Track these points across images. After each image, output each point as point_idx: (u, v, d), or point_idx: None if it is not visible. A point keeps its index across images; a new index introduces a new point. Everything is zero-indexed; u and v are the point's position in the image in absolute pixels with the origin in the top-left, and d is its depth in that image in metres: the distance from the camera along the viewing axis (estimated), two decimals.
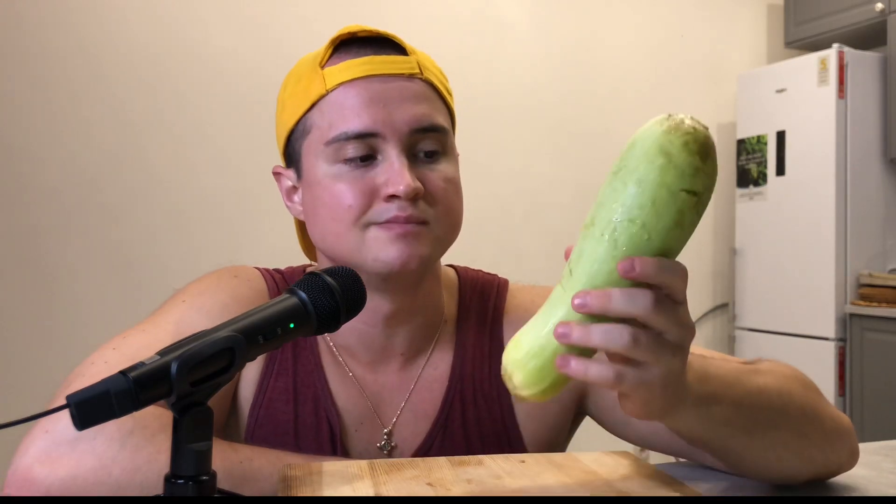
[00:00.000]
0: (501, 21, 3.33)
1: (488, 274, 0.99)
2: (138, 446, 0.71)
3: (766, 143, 3.43)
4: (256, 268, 0.94)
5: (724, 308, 3.70)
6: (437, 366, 0.91)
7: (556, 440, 0.94)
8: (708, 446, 0.74)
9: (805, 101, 3.27)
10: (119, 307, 2.68)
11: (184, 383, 0.55)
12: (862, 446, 0.94)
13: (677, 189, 0.56)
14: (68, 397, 0.51)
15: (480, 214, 3.25)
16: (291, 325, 0.63)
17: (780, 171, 3.37)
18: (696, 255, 3.68)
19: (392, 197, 0.79)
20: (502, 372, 0.62)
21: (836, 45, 3.19)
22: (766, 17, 3.83)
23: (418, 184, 0.79)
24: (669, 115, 0.59)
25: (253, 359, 0.61)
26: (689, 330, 0.60)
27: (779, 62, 3.52)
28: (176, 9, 2.82)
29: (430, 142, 0.83)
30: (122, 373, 0.53)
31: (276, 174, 0.91)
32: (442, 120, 0.84)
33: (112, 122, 2.75)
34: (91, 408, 0.51)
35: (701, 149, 0.57)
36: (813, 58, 3.25)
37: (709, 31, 3.72)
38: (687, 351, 0.61)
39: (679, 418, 0.66)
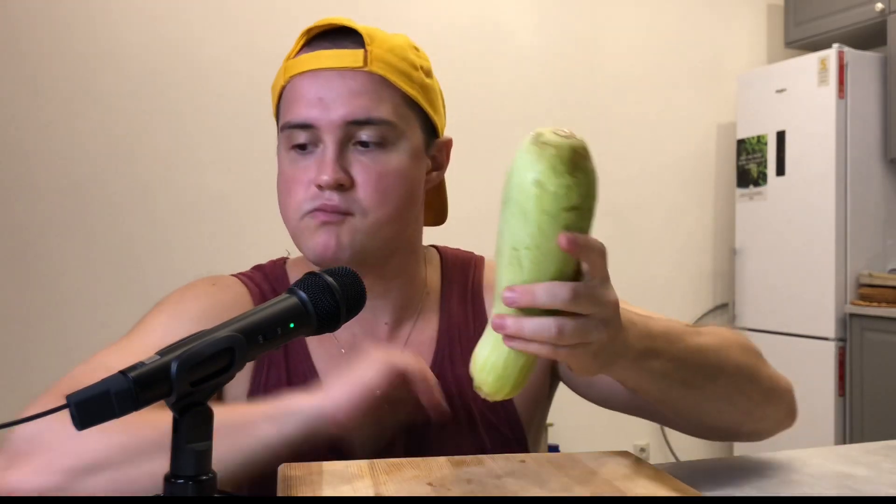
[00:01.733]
0: (502, 23, 3.33)
1: (466, 251, 1.06)
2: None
3: (766, 143, 3.43)
4: (234, 274, 0.98)
5: (723, 308, 3.70)
6: (424, 330, 0.96)
7: (540, 397, 0.99)
8: (648, 395, 0.81)
9: (805, 101, 3.27)
10: (116, 307, 2.68)
11: (184, 383, 0.55)
12: (862, 446, 0.95)
13: (557, 211, 0.62)
14: (68, 397, 0.51)
15: (481, 214, 3.25)
16: (291, 325, 0.63)
17: (780, 171, 3.37)
18: (696, 255, 3.68)
19: (320, 186, 0.85)
20: (474, 385, 0.69)
21: (836, 45, 3.19)
22: (766, 18, 3.83)
23: (341, 175, 0.85)
24: (535, 137, 0.63)
25: (253, 359, 0.61)
26: (611, 306, 0.66)
27: (779, 62, 3.52)
28: (168, 12, 2.82)
29: (367, 133, 0.86)
30: (123, 372, 0.53)
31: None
32: (384, 111, 0.87)
33: (107, 122, 2.75)
34: (91, 408, 0.51)
35: (568, 165, 0.62)
36: (813, 58, 3.25)
37: (709, 31, 3.72)
38: (614, 323, 0.66)
39: (619, 371, 0.74)
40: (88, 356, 0.83)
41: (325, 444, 0.76)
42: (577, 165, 0.62)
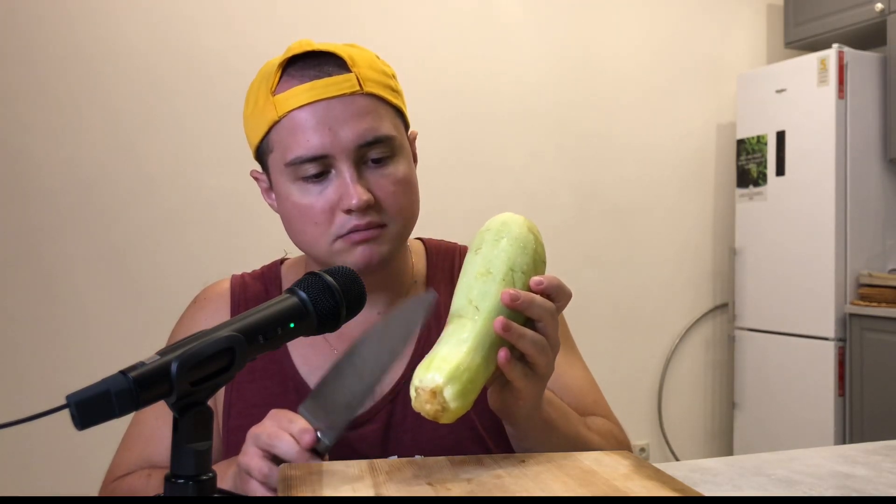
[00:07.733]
0: (502, 21, 3.33)
1: (449, 241, 1.13)
2: None
3: (765, 143, 3.43)
4: (234, 275, 1.05)
5: (723, 308, 3.70)
6: None
7: None
8: (523, 445, 0.87)
9: (805, 101, 3.27)
10: (117, 307, 2.68)
11: (184, 383, 0.55)
12: (862, 446, 0.95)
13: (539, 261, 0.80)
14: (68, 397, 0.51)
15: (481, 214, 3.24)
16: (292, 325, 0.63)
17: (780, 171, 3.36)
18: (696, 255, 3.68)
19: (349, 210, 0.89)
20: (423, 390, 0.69)
21: (835, 46, 3.19)
22: (765, 17, 3.83)
23: (369, 195, 0.89)
24: (524, 221, 0.81)
25: (253, 358, 0.61)
26: (557, 345, 0.77)
27: (779, 62, 3.52)
28: (169, 12, 2.82)
29: (377, 150, 0.90)
30: (123, 372, 0.53)
31: (254, 178, 1.02)
32: (387, 128, 0.92)
33: (108, 123, 2.75)
34: (91, 407, 0.51)
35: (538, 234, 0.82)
36: (813, 58, 3.25)
37: (709, 31, 3.72)
38: (552, 364, 0.77)
39: (521, 423, 0.81)
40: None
41: None
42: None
